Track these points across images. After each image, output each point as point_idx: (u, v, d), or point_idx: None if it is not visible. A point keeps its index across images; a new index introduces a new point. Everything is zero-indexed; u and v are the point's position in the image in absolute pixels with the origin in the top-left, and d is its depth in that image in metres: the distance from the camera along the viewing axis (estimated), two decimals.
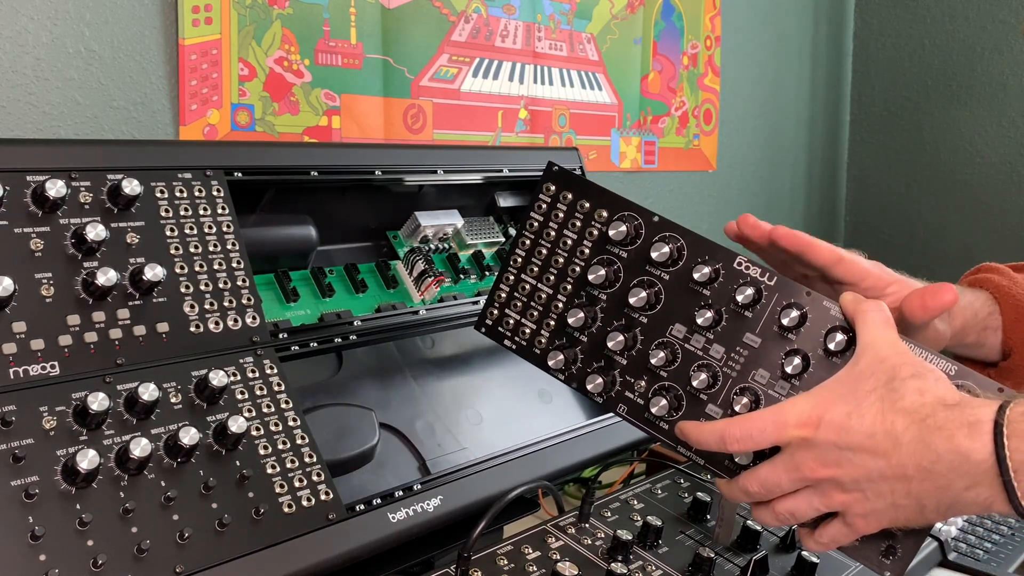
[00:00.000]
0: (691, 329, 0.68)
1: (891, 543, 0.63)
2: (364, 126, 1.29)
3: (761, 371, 0.66)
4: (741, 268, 0.68)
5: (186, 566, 0.63)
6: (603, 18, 1.64)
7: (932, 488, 0.56)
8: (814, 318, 0.65)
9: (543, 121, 1.55)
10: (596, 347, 0.71)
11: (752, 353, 0.67)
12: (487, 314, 0.77)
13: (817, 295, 0.66)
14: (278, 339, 0.80)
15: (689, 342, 0.69)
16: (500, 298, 0.76)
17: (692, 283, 0.68)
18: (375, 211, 1.02)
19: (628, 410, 0.70)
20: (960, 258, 2.14)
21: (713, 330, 0.68)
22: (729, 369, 0.67)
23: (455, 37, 1.40)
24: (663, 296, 0.70)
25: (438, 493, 0.80)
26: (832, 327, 0.65)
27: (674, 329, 0.69)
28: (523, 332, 0.75)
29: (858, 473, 0.58)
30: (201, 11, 1.09)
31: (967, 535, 0.99)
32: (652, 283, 0.70)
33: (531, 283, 0.75)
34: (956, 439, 0.55)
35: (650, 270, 0.70)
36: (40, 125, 0.99)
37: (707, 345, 0.68)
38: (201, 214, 0.78)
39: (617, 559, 0.77)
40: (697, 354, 0.68)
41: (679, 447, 0.68)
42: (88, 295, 0.68)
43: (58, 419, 0.63)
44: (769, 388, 0.66)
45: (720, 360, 0.67)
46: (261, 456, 0.71)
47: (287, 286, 0.90)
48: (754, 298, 0.67)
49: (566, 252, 0.73)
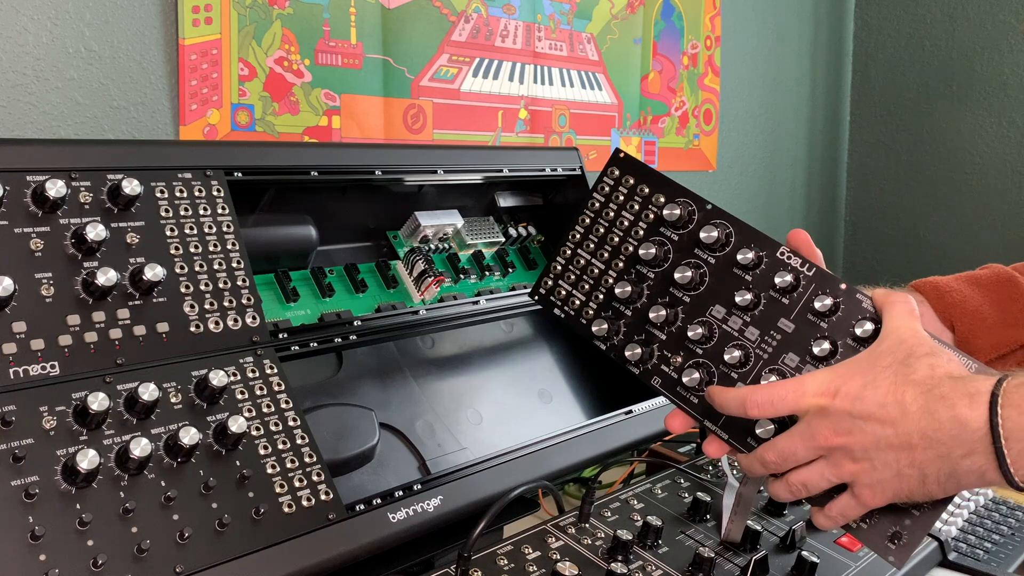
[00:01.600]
0: (730, 311, 0.72)
1: (897, 529, 0.65)
2: (364, 126, 1.29)
3: (791, 355, 0.69)
4: (783, 257, 0.72)
5: (186, 566, 0.63)
6: (603, 18, 1.64)
7: (934, 457, 0.58)
8: (846, 308, 0.69)
9: (543, 121, 1.55)
10: (639, 320, 0.76)
11: (785, 337, 0.70)
12: (541, 283, 0.82)
13: (851, 287, 0.69)
14: (278, 339, 0.80)
15: (727, 323, 0.72)
16: (555, 270, 0.81)
17: (736, 266, 0.72)
18: (375, 211, 1.02)
19: (662, 382, 0.74)
20: (960, 258, 2.14)
21: (750, 312, 0.71)
22: (761, 351, 0.70)
23: (455, 37, 1.40)
24: (707, 278, 0.74)
25: (438, 493, 0.80)
26: (862, 316, 0.68)
27: (714, 310, 0.73)
28: (573, 302, 0.80)
29: (867, 441, 0.60)
30: (201, 11, 1.10)
31: (967, 535, 0.99)
32: (698, 265, 0.74)
33: (586, 258, 0.80)
34: (957, 408, 0.57)
35: (698, 252, 0.74)
36: (40, 125, 0.99)
37: (743, 327, 0.72)
38: (201, 214, 0.78)
39: (617, 559, 0.77)
40: (733, 334, 0.72)
41: (705, 421, 0.71)
42: (88, 295, 0.68)
43: (58, 419, 0.63)
44: (797, 371, 0.69)
45: (754, 342, 0.71)
46: (261, 456, 0.71)
47: (287, 286, 0.90)
48: (792, 285, 0.70)
49: (622, 232, 0.78)
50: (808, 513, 0.91)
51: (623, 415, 1.02)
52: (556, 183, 1.18)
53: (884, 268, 2.31)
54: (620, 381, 1.12)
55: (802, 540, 0.86)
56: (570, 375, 1.14)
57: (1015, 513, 1.07)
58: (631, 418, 1.02)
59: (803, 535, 0.86)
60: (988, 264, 0.83)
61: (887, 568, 0.86)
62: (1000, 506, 1.09)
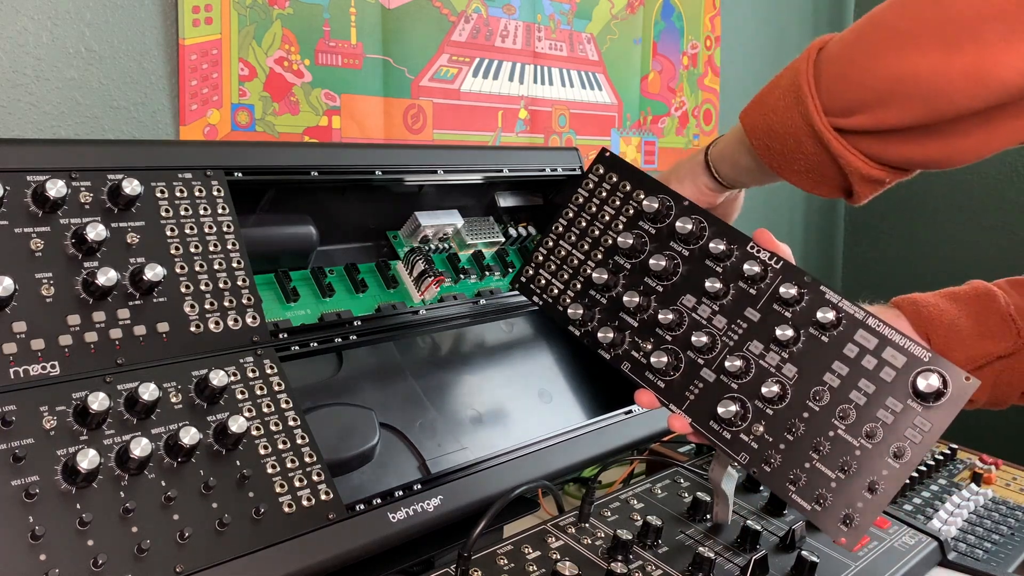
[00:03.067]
0: (700, 300, 0.77)
1: (849, 512, 0.68)
2: (364, 126, 1.29)
3: (756, 342, 0.74)
4: (753, 251, 0.76)
5: (186, 566, 0.63)
6: (603, 18, 1.65)
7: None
8: (810, 299, 0.73)
9: (543, 121, 1.55)
10: (614, 307, 0.80)
11: (751, 326, 0.74)
12: (523, 272, 0.87)
13: (816, 280, 0.73)
14: (278, 339, 0.80)
15: (696, 311, 0.77)
16: (537, 260, 0.86)
17: (708, 257, 0.77)
18: (375, 211, 1.02)
19: (631, 367, 0.79)
20: (960, 259, 2.14)
21: (719, 302, 0.76)
22: (728, 338, 0.75)
23: (455, 37, 1.40)
24: (680, 268, 0.78)
25: (438, 493, 0.80)
26: (824, 305, 0.72)
27: (685, 299, 0.77)
28: (551, 290, 0.85)
29: None
30: (201, 11, 1.10)
31: (967, 535, 0.99)
32: (672, 256, 0.78)
33: (566, 248, 0.84)
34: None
35: (673, 244, 0.79)
36: (40, 125, 0.99)
37: (712, 315, 0.76)
38: (201, 214, 0.78)
39: (617, 559, 0.77)
40: (701, 322, 0.76)
41: (671, 405, 0.76)
42: (88, 295, 0.68)
43: (58, 419, 0.63)
44: (760, 358, 0.73)
45: (721, 329, 0.75)
46: (261, 456, 0.71)
47: (287, 286, 0.90)
48: (759, 275, 0.74)
49: (602, 224, 0.83)
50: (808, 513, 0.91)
51: (623, 415, 1.02)
52: (556, 183, 1.18)
53: (884, 268, 2.31)
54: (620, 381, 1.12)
55: (802, 540, 0.86)
56: (570, 375, 1.14)
57: (1015, 513, 1.07)
58: (631, 418, 1.02)
59: (803, 535, 0.86)
60: (971, 280, 0.83)
61: (887, 568, 0.86)
62: (1000, 506, 1.09)
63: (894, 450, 0.67)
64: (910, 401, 0.68)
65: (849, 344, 0.70)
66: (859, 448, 0.68)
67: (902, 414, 0.68)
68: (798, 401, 0.71)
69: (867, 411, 0.69)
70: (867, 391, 0.69)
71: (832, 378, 0.70)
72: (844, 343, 0.71)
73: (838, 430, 0.69)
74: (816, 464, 0.70)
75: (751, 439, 0.72)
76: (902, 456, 0.67)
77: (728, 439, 0.73)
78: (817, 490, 0.69)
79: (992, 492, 1.13)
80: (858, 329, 0.71)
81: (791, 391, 0.71)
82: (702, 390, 0.75)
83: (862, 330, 0.70)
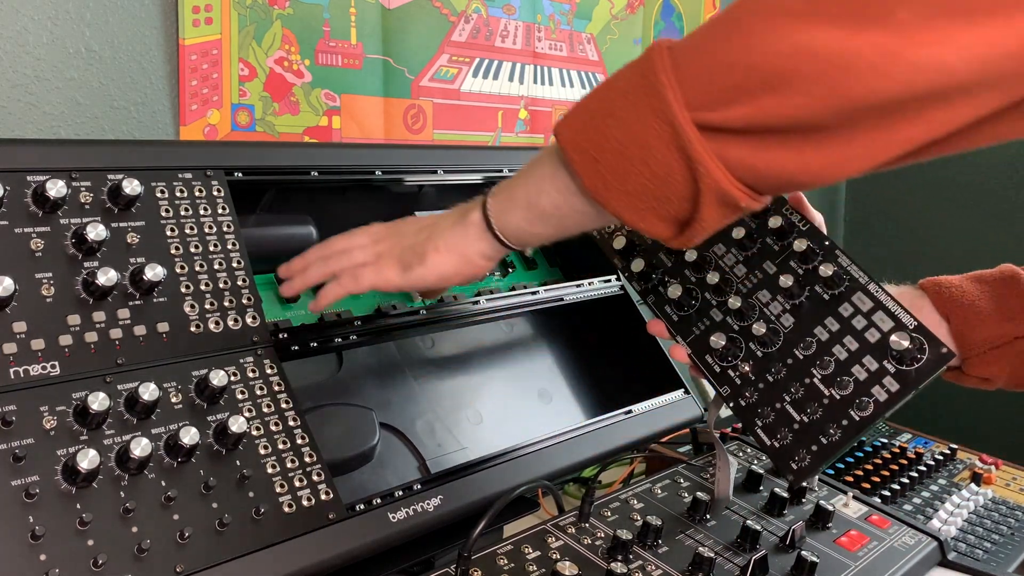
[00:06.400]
0: (728, 248, 0.85)
1: (803, 452, 0.74)
2: (364, 126, 1.29)
3: (765, 291, 0.82)
4: (786, 212, 0.83)
5: (186, 566, 0.63)
6: (603, 18, 1.65)
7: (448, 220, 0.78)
8: (823, 257, 0.79)
9: (543, 121, 1.55)
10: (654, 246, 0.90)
11: (765, 277, 0.82)
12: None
13: (834, 243, 0.80)
14: (278, 339, 0.80)
15: (723, 259, 0.85)
16: None
17: None
18: (375, 211, 1.02)
19: (655, 300, 0.87)
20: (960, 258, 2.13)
21: (744, 252, 0.84)
22: (742, 286, 0.83)
23: (455, 37, 1.40)
24: None
25: (438, 493, 0.80)
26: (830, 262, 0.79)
27: (716, 247, 0.86)
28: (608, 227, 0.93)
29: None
30: (201, 11, 1.10)
31: (966, 535, 0.99)
32: None
33: None
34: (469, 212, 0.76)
35: None
36: (40, 125, 0.99)
37: (735, 264, 0.84)
38: (201, 214, 0.78)
39: (617, 559, 0.77)
40: (724, 268, 0.84)
41: (678, 337, 0.84)
42: (88, 295, 0.68)
43: (58, 419, 0.63)
44: (766, 307, 0.81)
45: (740, 277, 0.83)
46: (261, 456, 0.71)
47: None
48: (786, 231, 0.82)
49: None
50: (808, 513, 0.91)
51: (623, 415, 1.02)
52: None
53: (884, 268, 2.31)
54: (620, 381, 1.12)
55: (802, 540, 0.86)
56: (570, 375, 1.14)
57: (1015, 513, 1.07)
58: (631, 418, 1.02)
59: (803, 535, 0.86)
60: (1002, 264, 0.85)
61: (887, 568, 0.86)
62: (1000, 506, 1.09)
63: (858, 403, 0.73)
64: (886, 362, 0.73)
65: (845, 303, 0.77)
66: (827, 397, 0.75)
67: (875, 372, 0.73)
68: (786, 349, 0.79)
69: (845, 365, 0.75)
70: (850, 348, 0.75)
71: (822, 332, 0.77)
72: (841, 302, 0.77)
73: (814, 379, 0.76)
74: (785, 406, 0.76)
75: (736, 375, 0.80)
76: (864, 410, 0.72)
77: (717, 372, 0.81)
78: (780, 429, 0.75)
79: (992, 492, 1.13)
80: (857, 291, 0.77)
81: (782, 338, 0.79)
82: (707, 327, 0.83)
83: (860, 293, 0.77)
